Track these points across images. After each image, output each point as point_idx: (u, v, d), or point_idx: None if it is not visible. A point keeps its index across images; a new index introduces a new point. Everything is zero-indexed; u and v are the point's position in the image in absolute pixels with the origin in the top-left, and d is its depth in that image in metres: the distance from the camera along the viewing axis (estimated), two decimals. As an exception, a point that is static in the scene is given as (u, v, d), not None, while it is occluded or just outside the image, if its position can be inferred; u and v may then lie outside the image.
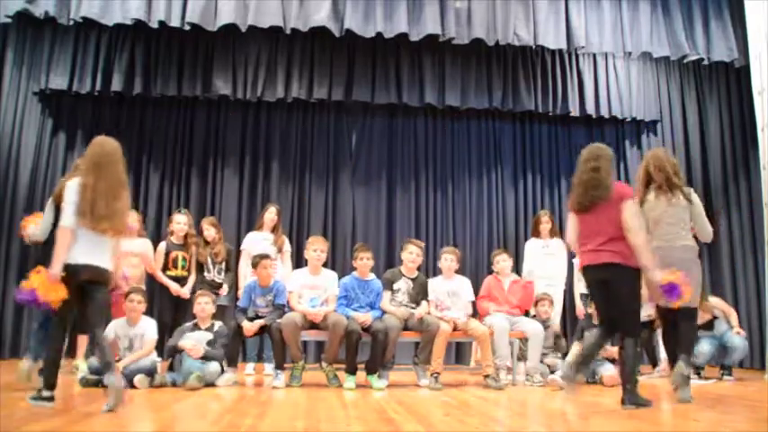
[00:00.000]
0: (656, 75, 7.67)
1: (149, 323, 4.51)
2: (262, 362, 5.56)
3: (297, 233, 6.99)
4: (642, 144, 7.70)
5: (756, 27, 5.70)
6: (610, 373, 4.80)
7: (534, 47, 6.72)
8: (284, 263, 5.73)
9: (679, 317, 3.84)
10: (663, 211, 3.92)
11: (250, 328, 4.62)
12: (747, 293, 6.98)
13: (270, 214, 5.80)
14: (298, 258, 6.19)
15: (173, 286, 5.24)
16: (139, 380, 4.20)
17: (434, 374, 4.55)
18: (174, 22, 6.06)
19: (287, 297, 4.82)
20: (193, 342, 4.43)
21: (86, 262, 3.33)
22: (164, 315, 5.18)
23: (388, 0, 6.25)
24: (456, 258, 5.15)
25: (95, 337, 3.41)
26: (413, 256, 4.96)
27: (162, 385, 4.33)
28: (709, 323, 5.45)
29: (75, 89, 6.68)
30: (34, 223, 4.50)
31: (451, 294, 5.03)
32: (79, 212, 3.33)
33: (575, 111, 7.34)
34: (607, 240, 3.54)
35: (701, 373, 5.46)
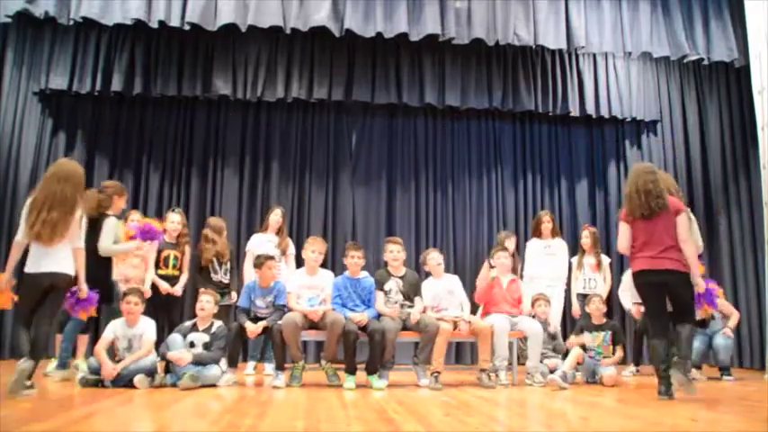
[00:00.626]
0: (656, 75, 7.68)
1: (148, 323, 4.50)
2: (263, 361, 5.56)
3: (297, 233, 6.98)
4: (642, 144, 7.71)
5: (756, 27, 5.71)
6: (609, 372, 4.81)
7: (534, 47, 6.73)
8: (288, 265, 5.72)
9: (680, 320, 4.05)
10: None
11: (254, 330, 4.60)
12: (747, 293, 6.98)
13: (275, 216, 5.78)
14: (297, 259, 6.18)
15: (162, 285, 5.18)
16: (139, 380, 4.19)
17: (435, 374, 4.55)
18: (174, 21, 6.06)
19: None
20: (179, 351, 4.40)
21: (35, 270, 3.85)
22: (157, 315, 5.13)
23: (388, 0, 6.25)
24: (441, 257, 5.20)
25: (39, 333, 3.82)
26: (393, 254, 4.98)
27: (162, 385, 4.33)
28: (703, 321, 5.46)
29: (76, 89, 6.68)
30: None
31: (449, 293, 5.05)
32: (24, 227, 3.91)
33: (575, 111, 7.35)
34: (666, 249, 3.97)
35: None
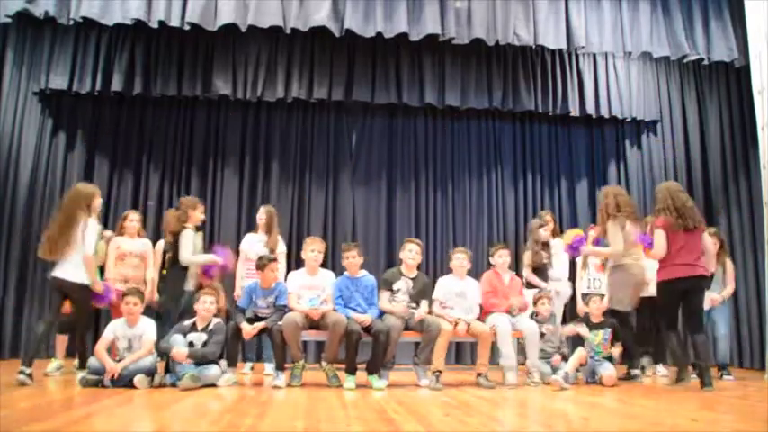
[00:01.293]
0: (656, 75, 7.68)
1: (148, 324, 4.50)
2: (261, 361, 5.55)
3: (297, 233, 6.99)
4: (642, 144, 7.71)
5: (756, 27, 5.70)
6: (609, 372, 4.81)
7: (534, 47, 6.72)
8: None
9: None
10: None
11: (250, 331, 4.58)
12: (747, 293, 6.96)
13: (260, 215, 5.78)
14: (298, 259, 6.17)
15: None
16: (139, 380, 4.19)
17: (436, 373, 4.54)
18: (174, 21, 6.05)
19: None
20: (176, 347, 4.40)
21: (50, 275, 4.56)
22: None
23: (388, 0, 6.25)
24: (468, 258, 5.16)
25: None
26: (412, 254, 4.96)
27: (162, 385, 4.33)
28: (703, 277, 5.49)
29: (76, 89, 6.68)
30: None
31: (459, 295, 5.02)
32: None
33: (575, 111, 7.35)
34: (698, 257, 4.65)
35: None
